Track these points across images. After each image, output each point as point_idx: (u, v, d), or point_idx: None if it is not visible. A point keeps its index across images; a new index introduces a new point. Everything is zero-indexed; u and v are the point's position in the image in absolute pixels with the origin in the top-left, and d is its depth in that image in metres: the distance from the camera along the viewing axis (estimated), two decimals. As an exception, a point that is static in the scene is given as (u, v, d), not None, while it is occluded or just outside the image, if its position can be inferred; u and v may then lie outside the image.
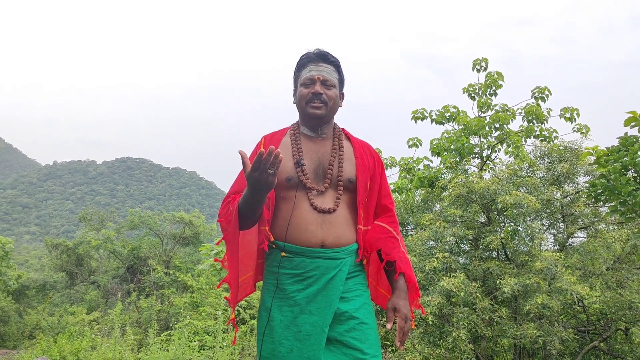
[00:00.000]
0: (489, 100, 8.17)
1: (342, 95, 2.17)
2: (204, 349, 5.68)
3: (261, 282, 2.13)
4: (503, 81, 8.10)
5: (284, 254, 1.95)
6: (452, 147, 7.88)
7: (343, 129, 2.20)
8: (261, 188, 1.74)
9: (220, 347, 5.32)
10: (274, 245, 1.99)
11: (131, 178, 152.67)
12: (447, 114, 8.43)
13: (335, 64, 2.09)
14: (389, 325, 1.85)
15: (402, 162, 8.72)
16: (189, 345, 5.41)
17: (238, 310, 6.75)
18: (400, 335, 1.86)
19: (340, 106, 2.16)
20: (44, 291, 18.45)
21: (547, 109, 7.93)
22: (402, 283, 1.99)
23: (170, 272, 13.07)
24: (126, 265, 18.35)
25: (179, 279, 11.55)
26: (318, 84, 2.02)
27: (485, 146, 8.04)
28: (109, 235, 18.87)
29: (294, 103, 2.12)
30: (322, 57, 2.07)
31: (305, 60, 2.08)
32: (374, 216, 2.16)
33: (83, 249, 18.71)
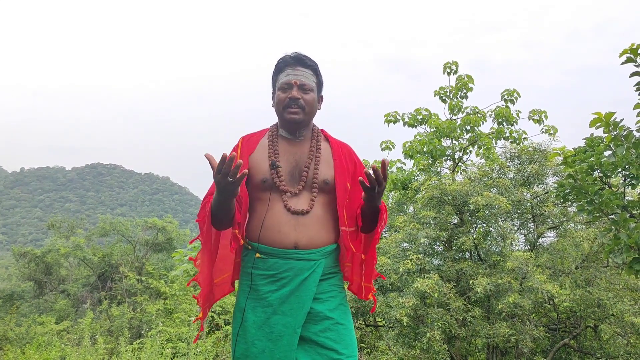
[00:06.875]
0: (460, 103, 8.28)
1: (320, 99, 2.15)
2: (177, 357, 5.59)
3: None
4: (473, 84, 8.23)
5: (258, 254, 1.94)
6: (424, 149, 7.96)
7: (322, 130, 2.20)
8: (225, 192, 1.75)
9: (194, 354, 5.24)
10: (249, 247, 1.99)
11: (102, 184, 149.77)
12: (419, 117, 8.52)
13: (312, 67, 2.07)
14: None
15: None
16: (161, 353, 5.32)
17: (212, 316, 6.67)
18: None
19: (319, 109, 2.14)
20: (11, 301, 17.90)
21: (517, 111, 8.09)
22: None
23: (143, 279, 12.83)
24: (97, 273, 17.96)
25: (151, 286, 11.36)
26: (295, 88, 2.00)
27: (457, 148, 8.15)
28: (79, 243, 18.44)
29: (273, 107, 2.11)
30: (300, 61, 2.05)
31: (283, 64, 2.06)
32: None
33: (52, 257, 18.23)
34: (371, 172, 1.82)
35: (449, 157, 8.19)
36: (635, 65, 3.12)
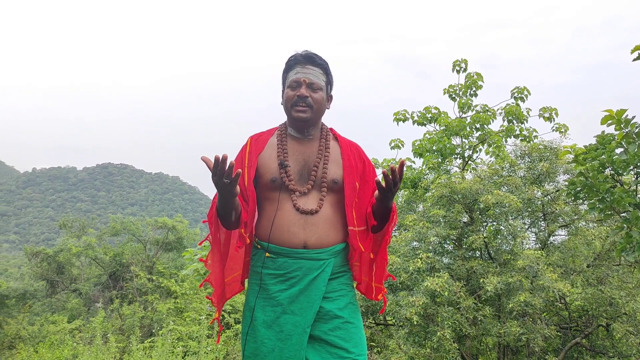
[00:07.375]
0: (469, 101, 8.24)
1: (329, 98, 2.14)
2: (188, 355, 5.62)
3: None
4: (483, 82, 8.18)
5: (267, 254, 1.95)
6: (434, 147, 7.93)
7: (331, 129, 2.19)
8: (224, 191, 1.76)
9: (205, 352, 5.26)
10: (259, 246, 1.99)
11: (113, 184, 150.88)
12: (429, 115, 8.48)
13: (322, 66, 2.06)
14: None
15: (384, 164, 8.75)
16: (172, 352, 5.35)
17: (222, 315, 6.70)
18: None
19: (328, 108, 2.13)
20: (24, 300, 18.08)
21: (527, 108, 8.03)
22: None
23: (154, 278, 12.92)
24: (108, 272, 18.09)
25: (162, 285, 11.43)
26: (304, 86, 1.99)
27: (467, 146, 8.10)
28: (90, 242, 18.60)
29: (282, 104, 2.10)
30: (310, 59, 2.04)
31: (293, 62, 2.05)
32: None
33: (64, 257, 18.41)
34: (389, 172, 1.82)
35: (459, 156, 8.16)
36: (647, 62, 3.09)
